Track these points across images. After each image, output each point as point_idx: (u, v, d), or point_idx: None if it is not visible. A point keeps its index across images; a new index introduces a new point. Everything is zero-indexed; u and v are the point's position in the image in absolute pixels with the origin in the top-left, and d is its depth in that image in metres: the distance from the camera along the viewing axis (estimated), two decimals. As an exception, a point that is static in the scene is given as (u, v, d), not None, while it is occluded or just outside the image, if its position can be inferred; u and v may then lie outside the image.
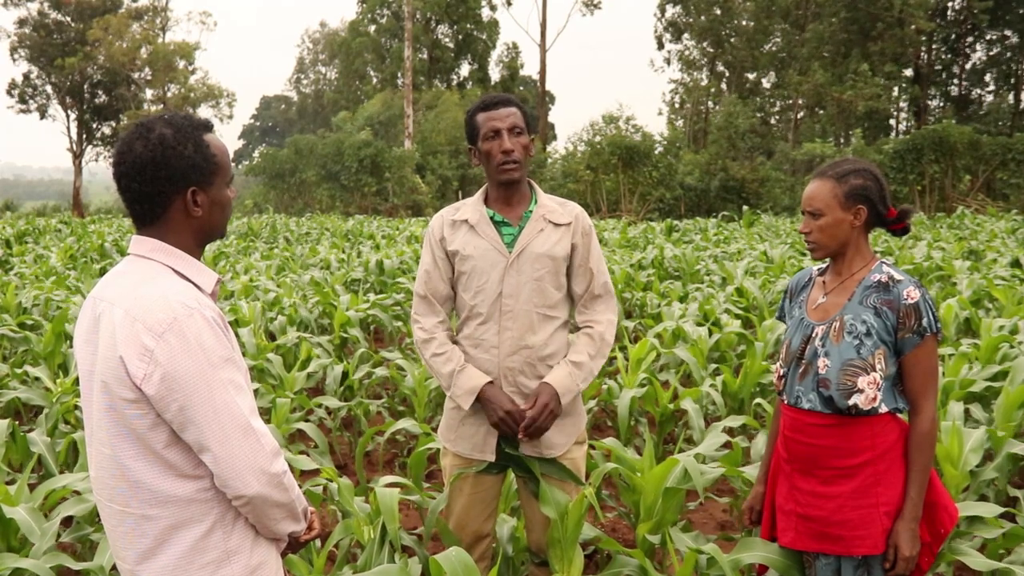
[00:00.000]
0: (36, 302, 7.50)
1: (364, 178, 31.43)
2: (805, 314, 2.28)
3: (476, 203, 2.62)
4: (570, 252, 2.57)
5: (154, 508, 1.57)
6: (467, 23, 45.98)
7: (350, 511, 2.95)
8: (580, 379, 2.52)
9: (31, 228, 18.28)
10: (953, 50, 39.06)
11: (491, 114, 2.52)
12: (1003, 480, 3.63)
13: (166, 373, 1.50)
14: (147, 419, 1.54)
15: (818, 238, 2.20)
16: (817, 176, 2.23)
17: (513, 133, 2.51)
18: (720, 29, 40.31)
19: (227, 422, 1.53)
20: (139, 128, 1.63)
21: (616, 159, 28.12)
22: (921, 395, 2.16)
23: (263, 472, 1.57)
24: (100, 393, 1.56)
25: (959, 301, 6.61)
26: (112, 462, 1.58)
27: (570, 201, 2.66)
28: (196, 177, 1.63)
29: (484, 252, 2.53)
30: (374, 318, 7.45)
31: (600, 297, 2.60)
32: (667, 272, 10.69)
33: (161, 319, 1.51)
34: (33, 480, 3.81)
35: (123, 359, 1.51)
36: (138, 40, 38.93)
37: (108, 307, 1.58)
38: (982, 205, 24.25)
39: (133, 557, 1.60)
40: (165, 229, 1.65)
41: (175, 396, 1.50)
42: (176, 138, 1.61)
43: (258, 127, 72.27)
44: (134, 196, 1.62)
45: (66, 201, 41.59)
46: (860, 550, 2.15)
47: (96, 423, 1.60)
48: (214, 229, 1.70)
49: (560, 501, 2.46)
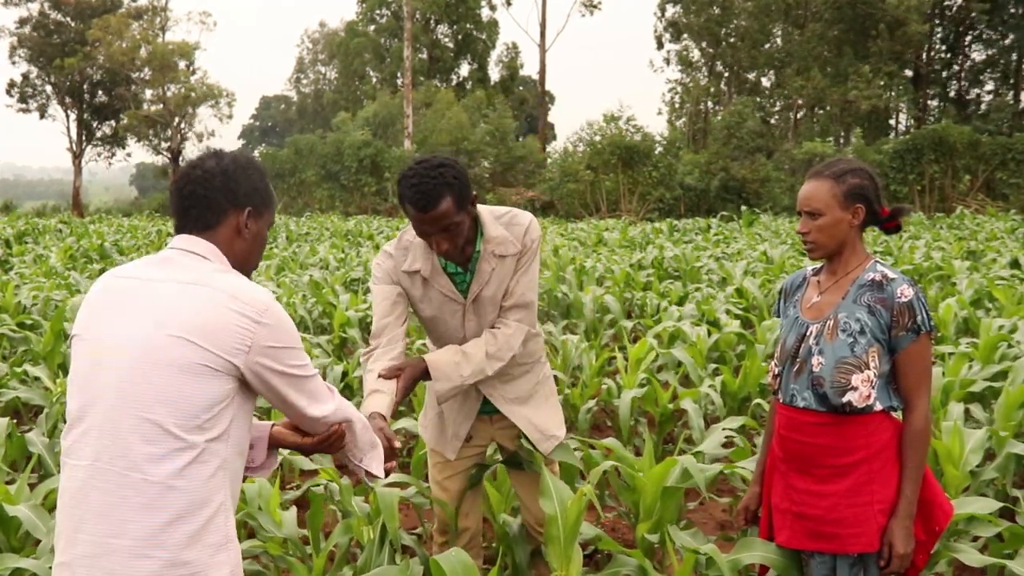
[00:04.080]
0: (36, 302, 7.51)
1: (364, 178, 31.43)
2: (800, 313, 2.29)
3: (425, 251, 2.50)
4: None
5: (180, 480, 1.59)
6: (467, 23, 45.96)
7: (350, 511, 2.96)
8: (466, 372, 2.44)
9: (31, 228, 18.27)
10: (952, 50, 39.06)
11: (420, 216, 2.32)
12: (1005, 480, 3.63)
13: (267, 344, 1.66)
14: (220, 384, 1.63)
15: (817, 238, 2.20)
16: (814, 176, 2.23)
17: (447, 232, 2.34)
18: (719, 29, 40.30)
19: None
20: (213, 151, 1.82)
21: (616, 159, 28.12)
22: (915, 393, 2.16)
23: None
24: (170, 352, 1.61)
25: (959, 301, 6.61)
26: (150, 426, 1.59)
27: (518, 213, 2.53)
28: (256, 201, 1.80)
29: (441, 304, 2.52)
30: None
31: (512, 309, 2.53)
32: (667, 272, 10.69)
33: (261, 299, 1.67)
34: (33, 480, 3.81)
35: (227, 328, 1.62)
36: (138, 40, 38.90)
37: (170, 285, 1.67)
38: (982, 205, 24.26)
39: (142, 533, 1.58)
40: (215, 243, 1.75)
41: (273, 364, 1.68)
42: (248, 163, 1.81)
43: (258, 127, 72.25)
44: (196, 202, 1.75)
45: (66, 201, 41.55)
46: (855, 548, 2.16)
47: (142, 385, 1.60)
48: (249, 262, 1.82)
49: (563, 498, 2.46)
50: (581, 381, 5.16)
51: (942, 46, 38.87)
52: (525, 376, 2.64)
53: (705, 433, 4.06)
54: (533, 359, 2.66)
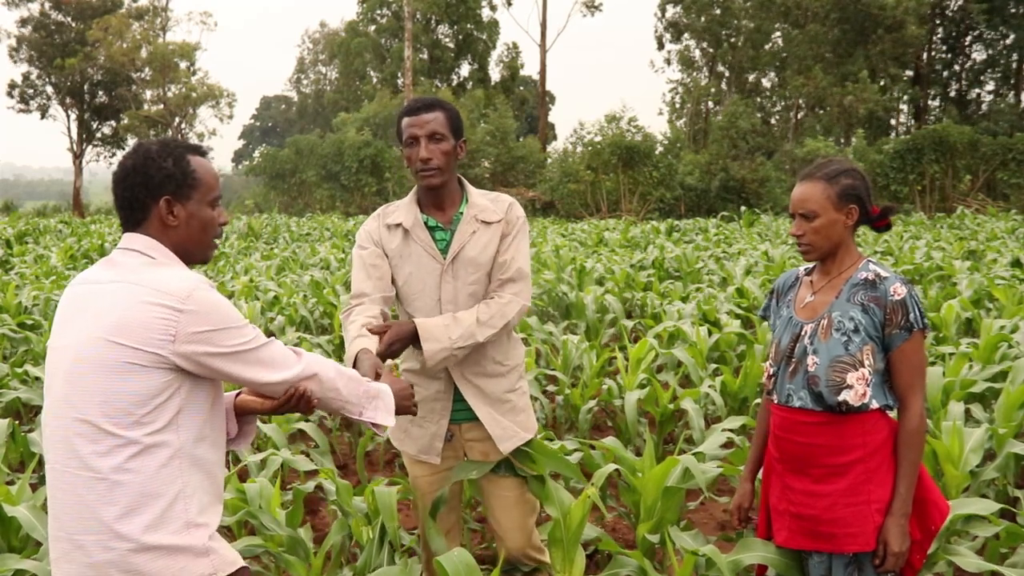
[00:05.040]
0: (36, 302, 7.51)
1: (364, 178, 31.43)
2: (793, 313, 2.29)
3: (409, 205, 2.58)
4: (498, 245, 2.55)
5: (126, 474, 1.64)
6: (467, 23, 45.94)
7: (349, 511, 2.96)
8: (455, 334, 2.41)
9: (32, 228, 18.28)
10: (953, 50, 39.05)
11: (411, 119, 2.48)
12: (1005, 480, 3.63)
13: (194, 331, 1.67)
14: (150, 379, 1.66)
15: (812, 240, 2.21)
16: (806, 178, 2.23)
17: (433, 140, 2.46)
18: (720, 29, 40.29)
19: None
20: (135, 145, 1.85)
21: (616, 159, 28.11)
22: (909, 391, 2.17)
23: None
24: (96, 353, 1.66)
25: (960, 302, 6.60)
26: (88, 427, 1.65)
27: (503, 195, 2.64)
28: (171, 187, 1.78)
29: (419, 259, 2.52)
30: (374, 318, 7.44)
31: (509, 282, 2.53)
32: (667, 272, 10.69)
33: (183, 287, 1.69)
34: (34, 480, 3.81)
35: (145, 323, 1.65)
36: (138, 40, 38.92)
37: (110, 285, 1.72)
38: (982, 205, 24.25)
39: (100, 527, 1.64)
40: (149, 236, 1.79)
41: (206, 348, 1.69)
42: (159, 152, 1.79)
43: (258, 127, 72.24)
44: (119, 201, 1.81)
45: (66, 201, 41.58)
46: (852, 547, 2.17)
47: (77, 388, 1.67)
48: (194, 245, 1.83)
49: (563, 500, 2.46)
50: (581, 381, 5.16)
51: (942, 46, 38.86)
52: (501, 378, 2.57)
53: (705, 433, 4.05)
54: (512, 363, 2.60)
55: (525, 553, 2.62)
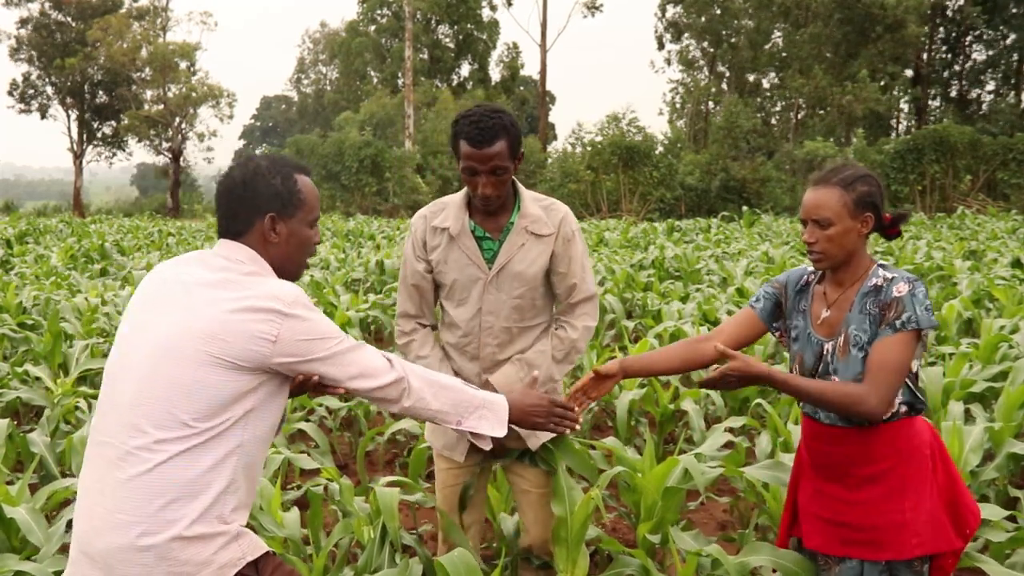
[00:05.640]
0: (36, 302, 7.50)
1: (365, 178, 31.42)
2: (812, 329, 2.22)
3: (459, 210, 2.50)
4: (550, 259, 2.49)
5: (183, 464, 1.67)
6: (467, 23, 45.95)
7: (350, 511, 2.95)
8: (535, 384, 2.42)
9: (32, 228, 18.28)
10: (953, 50, 39.04)
11: (473, 153, 2.33)
12: (1004, 479, 3.63)
13: (296, 338, 1.73)
14: (240, 378, 1.70)
15: (826, 248, 2.11)
16: (820, 184, 2.13)
17: (494, 174, 2.35)
18: (720, 29, 40.29)
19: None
20: (243, 158, 1.90)
21: (616, 159, 28.11)
22: (869, 377, 2.05)
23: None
24: (191, 346, 1.68)
25: (960, 302, 6.60)
26: (166, 413, 1.67)
27: (557, 202, 2.55)
28: (277, 205, 1.83)
29: (463, 268, 2.48)
30: (374, 318, 7.45)
31: (580, 303, 2.53)
32: (667, 272, 10.69)
33: (289, 292, 1.75)
34: (33, 481, 3.81)
35: (248, 325, 1.69)
36: (138, 40, 38.91)
37: (211, 284, 1.75)
38: (983, 205, 24.24)
39: (144, 512, 1.65)
40: (250, 248, 1.84)
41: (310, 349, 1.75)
42: (268, 169, 1.85)
43: (259, 127, 72.24)
44: (224, 212, 1.85)
45: (66, 201, 41.58)
46: (886, 555, 2.13)
47: (163, 374, 1.69)
48: (290, 262, 1.88)
49: (574, 500, 2.45)
50: (582, 381, 5.15)
51: (943, 46, 38.84)
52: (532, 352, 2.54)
53: (705, 433, 4.05)
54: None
55: (545, 547, 2.64)
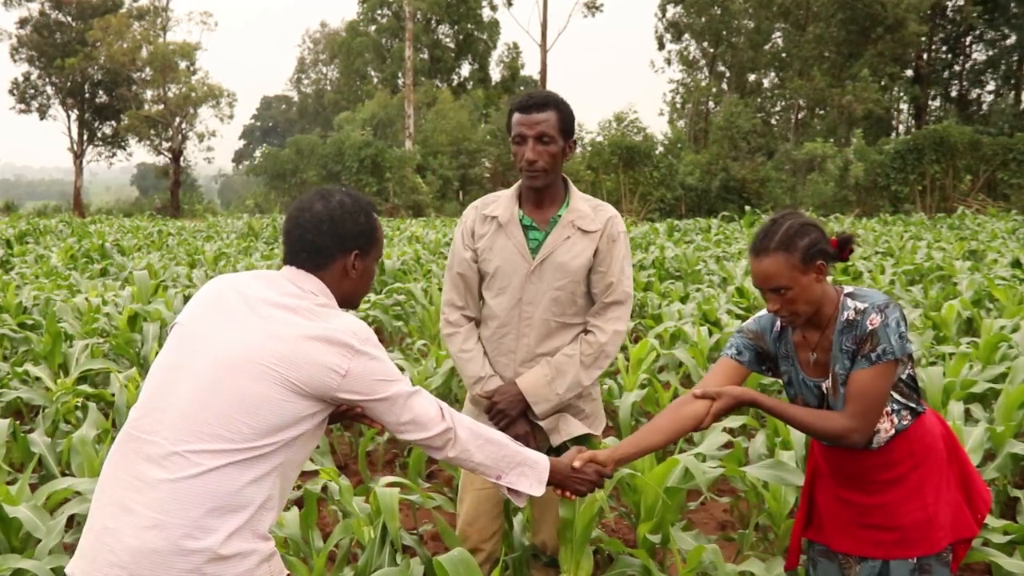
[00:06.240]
0: (36, 302, 7.50)
1: (365, 178, 31.43)
2: (804, 375, 2.24)
3: (510, 200, 2.57)
4: (592, 257, 2.50)
5: (229, 476, 1.66)
6: (468, 23, 45.95)
7: (350, 511, 2.96)
8: (562, 388, 2.45)
9: (32, 228, 18.28)
10: (953, 50, 39.03)
11: (522, 118, 2.44)
12: (1005, 479, 3.63)
13: (362, 375, 1.75)
14: (301, 404, 1.71)
15: (793, 309, 2.11)
16: (761, 253, 2.10)
17: (541, 141, 2.43)
18: (720, 29, 40.30)
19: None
20: (320, 192, 1.89)
21: (617, 159, 28.12)
22: (849, 409, 2.10)
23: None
24: (262, 364, 1.69)
25: (960, 302, 6.61)
26: (222, 428, 1.67)
27: (607, 204, 2.59)
28: (362, 243, 1.87)
29: (508, 256, 2.51)
30: (374, 318, 7.45)
31: (612, 305, 2.52)
32: (667, 272, 10.69)
33: (361, 329, 1.77)
34: (33, 480, 3.81)
35: (319, 355, 1.71)
36: (139, 40, 38.89)
37: (283, 307, 1.76)
38: (983, 205, 24.24)
39: (184, 519, 1.64)
40: (323, 281, 1.84)
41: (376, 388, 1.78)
42: (354, 206, 1.87)
43: (259, 127, 72.22)
44: (305, 246, 1.84)
45: (67, 201, 41.55)
46: (917, 552, 2.15)
47: (228, 386, 1.69)
48: (356, 297, 1.92)
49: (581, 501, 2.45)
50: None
51: (943, 46, 38.84)
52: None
53: (705, 433, 4.05)
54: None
55: (556, 546, 2.65)
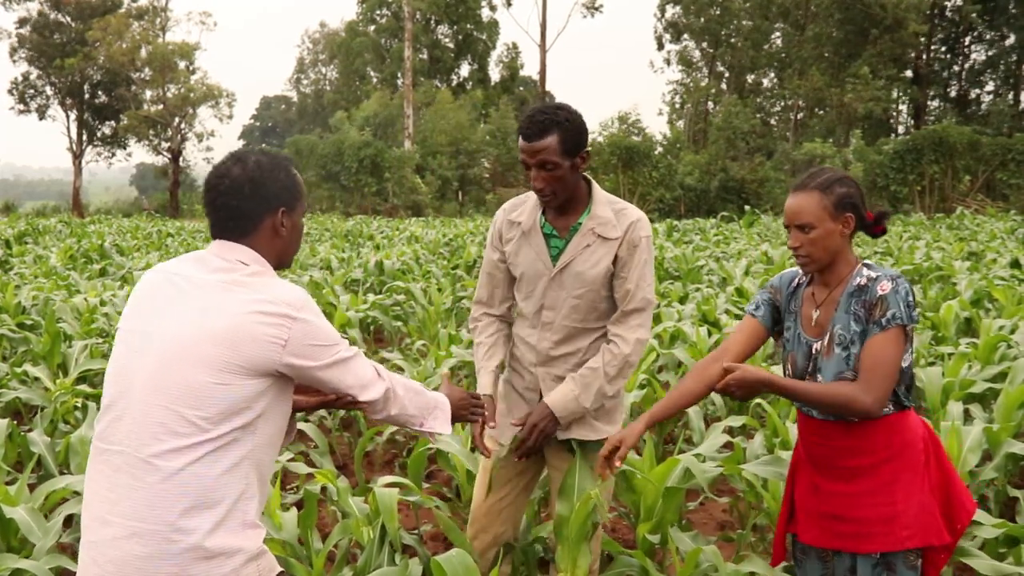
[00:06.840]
0: (36, 302, 7.50)
1: (364, 178, 31.44)
2: (802, 331, 2.27)
3: (533, 207, 2.56)
4: (612, 264, 2.48)
5: (200, 470, 1.65)
6: (467, 23, 45.96)
7: (349, 512, 2.95)
8: (587, 400, 2.46)
9: (31, 228, 18.28)
10: (952, 51, 39.05)
11: (523, 145, 2.41)
12: (1004, 479, 3.63)
13: (304, 343, 1.74)
14: (249, 383, 1.69)
15: (810, 251, 2.16)
16: (799, 189, 2.18)
17: (544, 168, 2.38)
18: (720, 29, 40.32)
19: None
20: (234, 155, 1.87)
21: (616, 159, 28.14)
22: (863, 376, 2.10)
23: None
24: (203, 350, 1.67)
25: (960, 302, 6.61)
26: (176, 417, 1.66)
27: (632, 207, 2.54)
28: (286, 198, 1.85)
29: (531, 263, 2.53)
30: (374, 318, 7.45)
31: (632, 313, 2.50)
32: (667, 272, 10.69)
33: (297, 296, 1.76)
34: (32, 480, 3.81)
35: (257, 329, 1.69)
36: (138, 40, 38.89)
37: (215, 287, 1.74)
38: (982, 205, 24.26)
39: (163, 519, 1.64)
40: (253, 247, 1.82)
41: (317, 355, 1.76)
42: (271, 165, 1.85)
43: (258, 127, 72.23)
44: (230, 213, 1.81)
45: (66, 201, 41.54)
46: (872, 547, 2.15)
47: (174, 377, 1.67)
48: (289, 254, 1.91)
49: (585, 493, 2.45)
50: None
51: (942, 47, 38.86)
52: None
53: (705, 433, 4.05)
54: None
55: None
